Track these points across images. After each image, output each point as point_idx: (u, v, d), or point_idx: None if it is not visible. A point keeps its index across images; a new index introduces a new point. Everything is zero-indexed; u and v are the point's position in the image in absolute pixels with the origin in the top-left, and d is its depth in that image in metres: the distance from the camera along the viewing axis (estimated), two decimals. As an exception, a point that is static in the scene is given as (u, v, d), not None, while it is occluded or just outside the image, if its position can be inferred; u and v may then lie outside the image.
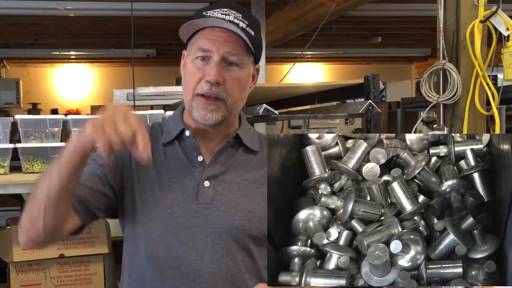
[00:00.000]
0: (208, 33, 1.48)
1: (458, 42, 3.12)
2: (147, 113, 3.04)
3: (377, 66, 10.75)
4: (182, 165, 1.54)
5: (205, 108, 1.48)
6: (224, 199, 1.51)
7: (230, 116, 1.53)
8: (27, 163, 2.93)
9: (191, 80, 1.50)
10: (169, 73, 9.48)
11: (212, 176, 1.52)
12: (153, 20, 6.37)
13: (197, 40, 1.50)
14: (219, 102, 1.48)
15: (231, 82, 1.48)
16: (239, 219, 1.50)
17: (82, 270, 3.01)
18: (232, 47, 1.47)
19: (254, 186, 1.54)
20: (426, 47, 9.23)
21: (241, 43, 1.48)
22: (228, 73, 1.48)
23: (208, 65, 1.47)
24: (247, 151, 1.59)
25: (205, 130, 1.55)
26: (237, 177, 1.54)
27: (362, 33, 7.94)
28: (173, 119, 1.62)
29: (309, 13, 5.33)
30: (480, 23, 3.06)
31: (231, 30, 1.47)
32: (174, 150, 1.56)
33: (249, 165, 1.57)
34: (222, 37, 1.47)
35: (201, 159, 1.54)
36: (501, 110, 4.28)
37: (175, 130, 1.57)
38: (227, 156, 1.56)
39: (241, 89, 1.53)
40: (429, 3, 5.36)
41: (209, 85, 1.46)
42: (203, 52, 1.48)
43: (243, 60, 1.51)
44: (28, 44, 8.01)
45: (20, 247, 2.85)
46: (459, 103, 3.13)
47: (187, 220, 1.48)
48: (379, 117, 2.66)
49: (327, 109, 3.29)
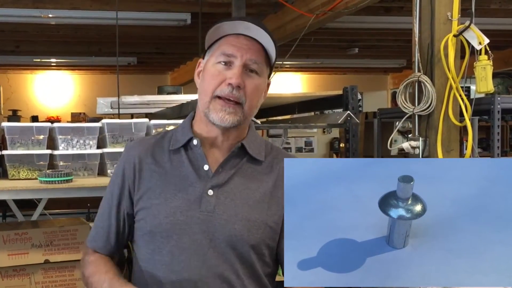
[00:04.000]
0: (233, 39, 1.55)
1: (432, 55, 3.23)
2: (132, 122, 3.10)
3: (354, 77, 10.89)
4: (188, 174, 1.58)
5: (223, 110, 1.52)
6: (226, 207, 1.55)
7: (244, 122, 1.58)
8: (13, 170, 2.97)
9: (211, 83, 1.54)
10: (150, 81, 9.58)
11: (216, 185, 1.56)
12: (135, 28, 6.41)
13: (220, 46, 1.56)
14: (237, 106, 1.53)
15: (251, 88, 1.54)
16: (239, 228, 1.53)
17: (66, 276, 3.04)
18: (255, 55, 1.54)
19: (256, 195, 1.58)
20: (402, 58, 9.38)
21: (262, 53, 1.56)
22: (249, 79, 1.54)
23: (230, 70, 1.53)
24: (252, 161, 1.62)
25: (215, 138, 1.60)
26: (240, 186, 1.58)
27: (340, 44, 8.06)
28: (182, 127, 1.66)
29: (288, 25, 5.42)
30: (453, 37, 3.16)
31: (255, 39, 1.54)
32: (180, 158, 1.60)
33: (252, 175, 1.60)
34: (246, 45, 1.54)
35: (206, 168, 1.58)
36: (474, 121, 4.41)
37: (183, 138, 1.61)
38: (232, 166, 1.59)
39: (258, 96, 1.59)
40: (404, 16, 5.51)
41: (231, 88, 1.51)
42: (227, 57, 1.54)
43: (263, 69, 1.58)
44: (9, 50, 7.99)
45: (5, 252, 2.89)
46: (434, 114, 3.24)
47: (189, 227, 1.52)
48: (357, 127, 2.76)
49: (307, 119, 3.38)
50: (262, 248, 1.56)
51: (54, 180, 2.73)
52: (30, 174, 2.98)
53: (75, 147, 3.03)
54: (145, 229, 1.57)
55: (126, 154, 1.68)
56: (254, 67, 1.55)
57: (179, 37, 7.10)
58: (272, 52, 1.58)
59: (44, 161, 2.99)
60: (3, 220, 4.47)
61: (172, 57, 8.85)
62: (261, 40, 1.55)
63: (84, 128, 3.05)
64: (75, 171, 2.98)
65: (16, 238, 2.93)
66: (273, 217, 1.58)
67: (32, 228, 3.01)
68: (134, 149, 1.66)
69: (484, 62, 3.12)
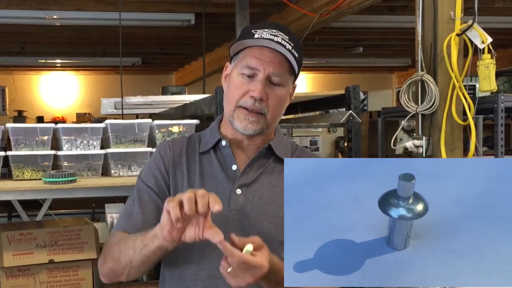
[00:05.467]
0: (256, 52, 1.57)
1: (435, 54, 3.22)
2: (135, 122, 3.11)
3: (359, 76, 10.89)
4: (217, 174, 1.62)
5: (246, 119, 1.57)
6: (254, 206, 1.59)
7: (267, 129, 1.62)
8: (18, 171, 2.99)
9: (235, 93, 1.59)
10: (154, 81, 9.60)
11: (244, 184, 1.61)
12: (139, 29, 6.44)
13: (245, 57, 1.58)
14: (260, 116, 1.57)
15: (273, 99, 1.58)
16: (267, 226, 1.58)
17: (71, 275, 3.05)
18: (277, 69, 1.56)
19: (283, 193, 1.57)
20: (407, 57, 9.37)
21: (285, 64, 1.58)
22: (271, 91, 1.57)
23: (253, 82, 1.56)
24: (278, 161, 1.66)
25: (241, 141, 1.64)
26: (267, 185, 1.62)
27: (344, 44, 8.06)
28: (211, 130, 1.71)
29: (292, 24, 5.43)
30: (456, 36, 3.15)
31: (279, 51, 1.55)
32: (210, 159, 1.65)
33: (279, 174, 1.63)
34: (269, 58, 1.56)
35: (235, 168, 1.62)
36: (479, 120, 4.40)
37: (212, 140, 1.67)
38: (259, 165, 1.64)
39: (281, 106, 1.63)
40: (408, 15, 5.50)
41: (253, 100, 1.55)
42: (250, 70, 1.56)
43: (286, 80, 1.60)
44: (15, 52, 8.04)
45: (10, 252, 2.91)
46: (437, 113, 3.23)
47: (218, 226, 1.51)
48: (359, 126, 2.75)
49: (310, 118, 3.38)
50: None
51: (58, 180, 2.75)
52: (35, 175, 2.99)
53: (79, 147, 3.05)
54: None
55: (159, 153, 1.70)
56: (277, 80, 1.58)
57: (183, 37, 7.12)
58: (297, 61, 1.60)
59: (48, 162, 3.01)
60: (8, 221, 4.49)
61: (177, 57, 8.88)
62: (284, 52, 1.56)
63: (88, 129, 3.07)
64: (79, 172, 2.99)
65: (20, 239, 2.95)
66: None
67: (36, 228, 3.02)
68: (167, 149, 1.69)
69: (487, 61, 3.12)
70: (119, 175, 3.08)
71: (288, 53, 1.56)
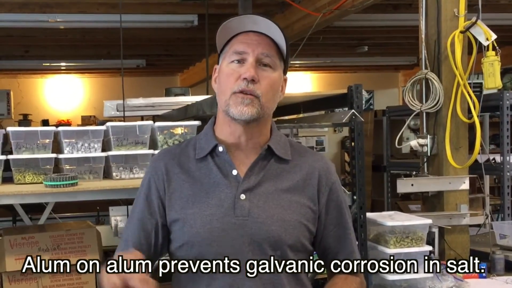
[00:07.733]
0: (243, 37, 1.58)
1: (439, 52, 3.20)
2: (136, 124, 3.09)
3: (364, 75, 10.86)
4: (218, 180, 1.59)
5: (241, 102, 1.54)
6: (260, 210, 1.56)
7: (263, 115, 1.58)
8: (19, 174, 2.97)
9: (228, 81, 1.57)
10: (159, 83, 9.59)
11: (248, 189, 1.58)
12: (143, 31, 6.44)
13: (232, 46, 1.59)
14: (254, 98, 1.55)
15: (265, 82, 1.56)
16: (276, 229, 1.55)
17: (74, 279, 3.04)
18: (266, 49, 1.56)
19: (287, 195, 1.60)
20: (412, 55, 9.32)
21: (274, 46, 1.58)
22: (262, 73, 1.56)
23: (244, 66, 1.56)
24: (279, 161, 1.64)
25: (237, 143, 1.61)
26: (271, 188, 1.59)
27: (349, 43, 8.03)
28: (205, 134, 1.68)
29: (296, 24, 5.42)
30: (460, 33, 3.13)
31: (265, 34, 1.56)
32: (208, 166, 1.62)
33: (281, 175, 1.62)
34: (256, 40, 1.56)
35: (235, 173, 1.59)
36: (485, 118, 4.35)
37: (208, 146, 1.63)
38: (261, 168, 1.61)
39: (274, 90, 1.60)
40: (413, 13, 5.46)
41: (246, 82, 1.53)
42: (239, 55, 1.56)
43: (276, 62, 1.59)
44: (19, 55, 8.06)
45: (13, 256, 2.90)
46: (442, 111, 3.21)
47: (227, 233, 1.54)
48: (362, 126, 2.72)
49: (313, 118, 3.35)
50: (298, 246, 1.58)
51: (59, 184, 2.73)
52: (36, 178, 2.97)
53: (80, 150, 3.02)
54: (183, 239, 1.58)
55: (152, 167, 1.68)
56: (267, 60, 1.57)
57: (187, 39, 7.11)
58: (283, 44, 1.60)
59: (49, 165, 2.99)
60: (13, 225, 4.49)
61: (181, 58, 8.87)
62: (270, 34, 1.57)
63: (89, 132, 3.05)
64: (80, 175, 2.97)
65: (23, 243, 2.94)
66: (305, 215, 1.61)
67: (39, 232, 3.01)
68: (159, 161, 1.67)
69: (492, 58, 3.10)
70: (121, 178, 3.06)
71: (275, 34, 1.56)
